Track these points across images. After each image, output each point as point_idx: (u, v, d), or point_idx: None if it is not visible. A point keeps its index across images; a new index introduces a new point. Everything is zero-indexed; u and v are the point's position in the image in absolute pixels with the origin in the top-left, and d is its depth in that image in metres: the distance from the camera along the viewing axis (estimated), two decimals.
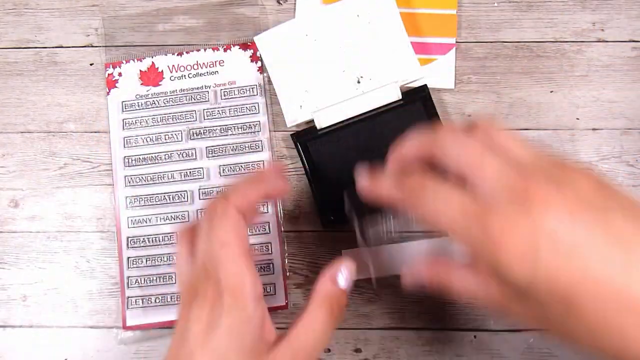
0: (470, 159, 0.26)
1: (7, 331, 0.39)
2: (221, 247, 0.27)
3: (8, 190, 0.41)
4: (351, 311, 0.39)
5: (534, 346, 0.38)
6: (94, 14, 0.42)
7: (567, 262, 0.23)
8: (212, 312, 0.26)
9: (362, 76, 0.39)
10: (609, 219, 0.24)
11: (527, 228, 0.24)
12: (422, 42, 0.41)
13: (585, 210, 0.24)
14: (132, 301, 0.38)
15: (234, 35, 0.41)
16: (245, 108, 0.40)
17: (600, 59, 0.41)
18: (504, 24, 0.41)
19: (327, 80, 0.39)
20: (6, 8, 0.43)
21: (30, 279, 0.40)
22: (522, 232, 0.24)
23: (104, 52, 0.41)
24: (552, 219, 0.24)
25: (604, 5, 0.41)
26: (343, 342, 0.38)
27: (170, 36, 0.42)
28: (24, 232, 0.40)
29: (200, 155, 0.40)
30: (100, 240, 0.40)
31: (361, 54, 0.39)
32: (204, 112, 0.40)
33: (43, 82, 0.42)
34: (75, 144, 0.41)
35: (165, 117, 0.40)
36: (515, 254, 0.24)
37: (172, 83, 0.41)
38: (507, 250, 0.24)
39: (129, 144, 0.40)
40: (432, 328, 0.38)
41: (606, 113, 0.40)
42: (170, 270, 0.39)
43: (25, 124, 0.41)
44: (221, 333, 0.26)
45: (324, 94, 0.39)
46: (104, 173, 0.41)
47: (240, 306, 0.26)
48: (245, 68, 0.41)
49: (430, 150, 0.28)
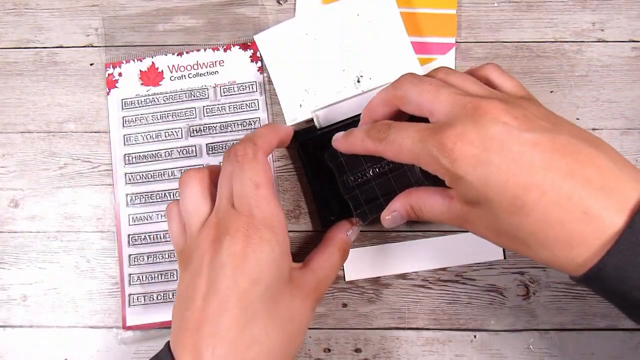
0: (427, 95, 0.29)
1: (7, 331, 0.39)
2: (256, 187, 0.30)
3: (8, 190, 0.41)
4: (351, 311, 0.39)
5: (534, 346, 0.38)
6: (94, 14, 0.42)
7: (515, 166, 0.25)
8: (248, 244, 0.29)
9: (362, 75, 0.39)
10: (555, 136, 0.26)
11: (477, 135, 0.26)
12: (422, 41, 0.41)
13: (533, 127, 0.26)
14: (134, 298, 0.39)
15: (234, 35, 0.41)
16: (245, 105, 0.40)
17: (600, 59, 0.41)
18: (504, 24, 0.41)
19: (327, 80, 0.39)
20: (6, 8, 0.43)
21: (30, 279, 0.40)
22: (472, 139, 0.26)
23: (104, 52, 0.42)
24: (501, 128, 0.26)
25: (604, 5, 0.41)
26: (343, 342, 0.38)
27: (170, 36, 0.42)
28: (24, 232, 0.40)
29: (200, 153, 0.40)
30: (100, 240, 0.40)
31: (361, 54, 0.39)
32: (203, 109, 0.40)
33: (43, 82, 0.42)
34: (75, 144, 0.41)
35: (165, 114, 0.40)
36: (468, 158, 0.26)
37: (172, 83, 0.41)
38: (461, 155, 0.26)
39: (129, 141, 0.40)
40: (432, 328, 0.38)
41: (606, 113, 0.40)
42: (172, 267, 0.39)
43: (25, 124, 0.41)
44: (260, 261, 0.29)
45: (324, 93, 0.39)
46: (104, 173, 0.41)
47: (280, 239, 0.30)
48: (245, 68, 0.41)
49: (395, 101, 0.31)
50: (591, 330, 0.38)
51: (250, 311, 0.29)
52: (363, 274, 0.39)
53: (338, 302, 0.39)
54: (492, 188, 0.26)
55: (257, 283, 0.29)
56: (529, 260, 0.38)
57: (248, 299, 0.29)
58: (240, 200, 0.30)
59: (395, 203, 0.33)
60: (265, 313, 0.29)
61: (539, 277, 0.38)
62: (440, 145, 0.27)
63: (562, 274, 0.38)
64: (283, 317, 0.30)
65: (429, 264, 0.39)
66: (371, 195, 0.35)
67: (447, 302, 0.39)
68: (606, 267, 0.24)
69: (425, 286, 0.39)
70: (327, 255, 0.34)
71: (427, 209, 0.32)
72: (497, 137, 0.26)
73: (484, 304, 0.38)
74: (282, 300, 0.30)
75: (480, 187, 0.26)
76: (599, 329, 0.38)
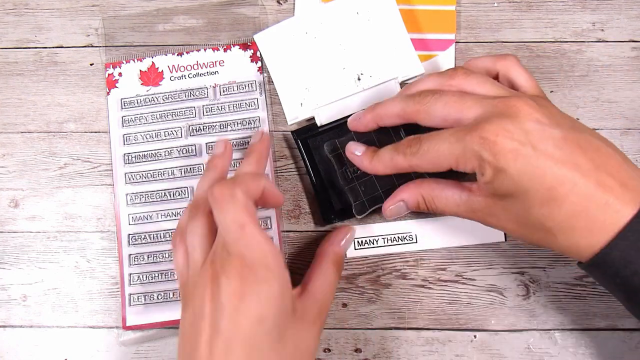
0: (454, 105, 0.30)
1: (7, 331, 0.39)
2: (241, 228, 0.29)
3: (8, 190, 0.41)
4: (351, 311, 0.39)
5: (533, 346, 0.38)
6: (94, 14, 0.42)
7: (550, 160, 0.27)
8: (244, 284, 0.28)
9: (363, 73, 0.39)
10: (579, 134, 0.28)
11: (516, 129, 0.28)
12: (422, 38, 0.41)
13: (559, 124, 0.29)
14: (134, 298, 0.39)
15: (234, 35, 0.41)
16: (245, 104, 0.40)
17: (600, 59, 0.41)
18: (503, 24, 0.41)
19: (328, 78, 0.39)
20: (6, 8, 0.43)
21: (30, 279, 0.40)
22: (512, 133, 0.28)
23: (104, 52, 0.42)
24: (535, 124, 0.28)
25: (604, 5, 0.41)
26: (343, 342, 0.38)
27: (170, 36, 0.42)
28: (24, 232, 0.40)
29: (200, 152, 0.40)
30: (100, 240, 0.40)
31: (361, 51, 0.39)
32: (203, 109, 0.40)
33: (43, 82, 0.42)
34: (75, 144, 0.41)
35: (164, 113, 0.40)
36: (509, 151, 0.28)
37: (172, 83, 0.41)
38: (503, 148, 0.28)
39: (129, 141, 0.40)
40: (432, 328, 0.38)
41: (606, 113, 0.40)
42: (172, 266, 0.39)
43: (26, 124, 0.41)
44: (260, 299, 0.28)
45: (325, 92, 0.39)
46: (104, 173, 0.41)
47: (277, 274, 0.29)
48: (245, 68, 0.41)
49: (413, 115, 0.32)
50: (591, 330, 0.38)
51: (256, 352, 0.28)
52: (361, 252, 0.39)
53: (338, 302, 0.39)
54: (530, 180, 0.27)
55: (260, 323, 0.28)
56: (529, 260, 0.38)
57: (253, 341, 0.28)
58: (229, 245, 0.29)
59: (403, 193, 0.33)
60: (272, 352, 0.29)
61: (539, 277, 0.38)
62: (481, 140, 0.28)
63: (562, 274, 0.38)
64: (291, 351, 0.30)
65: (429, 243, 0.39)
66: (370, 188, 0.36)
67: (447, 302, 0.38)
68: (612, 252, 0.27)
69: (425, 286, 0.39)
70: (323, 274, 0.34)
71: (441, 201, 0.32)
72: (533, 132, 0.28)
73: (484, 304, 0.38)
74: (288, 334, 0.30)
75: (519, 179, 0.28)
76: (599, 329, 0.38)
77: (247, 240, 0.29)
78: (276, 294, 0.29)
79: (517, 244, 0.39)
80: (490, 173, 0.28)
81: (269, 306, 0.29)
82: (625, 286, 0.28)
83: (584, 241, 0.28)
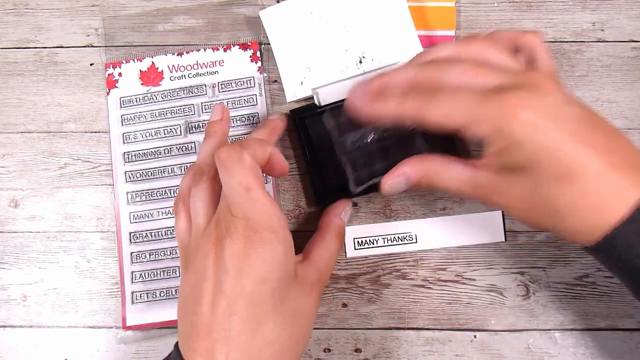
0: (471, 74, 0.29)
1: (7, 331, 0.39)
2: (247, 191, 0.29)
3: (8, 190, 0.41)
4: (351, 311, 0.39)
5: (533, 346, 0.38)
6: (94, 14, 0.42)
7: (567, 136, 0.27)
8: (249, 246, 0.28)
9: (365, 56, 0.39)
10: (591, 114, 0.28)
11: (535, 101, 0.27)
12: (422, 34, 0.40)
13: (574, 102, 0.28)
14: (137, 296, 0.39)
15: (234, 35, 0.41)
16: (244, 100, 0.40)
17: (600, 59, 0.41)
18: (504, 24, 0.41)
19: (329, 59, 0.39)
20: (6, 8, 0.43)
21: (30, 279, 0.40)
22: (532, 104, 0.27)
23: (104, 52, 0.42)
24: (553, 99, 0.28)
25: (604, 5, 0.41)
26: (343, 342, 0.38)
27: (170, 36, 0.42)
28: (24, 232, 0.40)
29: (199, 149, 0.40)
30: (100, 240, 0.40)
31: (364, 35, 0.39)
32: (202, 106, 0.40)
33: (43, 82, 0.42)
34: (75, 144, 0.41)
35: (163, 111, 0.40)
36: (527, 123, 0.27)
37: (172, 83, 0.41)
38: (522, 119, 0.27)
39: (128, 139, 0.40)
40: (432, 328, 0.38)
41: (606, 113, 0.40)
42: (174, 264, 0.39)
43: (26, 124, 0.41)
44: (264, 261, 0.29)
45: (326, 72, 0.39)
46: (104, 173, 0.41)
47: (281, 237, 0.29)
48: (245, 68, 0.41)
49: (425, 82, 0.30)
50: (591, 330, 0.38)
51: (259, 313, 0.29)
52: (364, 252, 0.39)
53: (338, 302, 0.39)
54: (546, 153, 0.27)
55: (263, 284, 0.29)
56: (529, 260, 0.38)
57: (256, 300, 0.28)
58: (234, 207, 0.29)
59: (405, 167, 0.31)
60: (274, 313, 0.29)
61: (539, 277, 0.38)
62: (501, 107, 0.27)
63: (562, 274, 0.38)
64: (292, 314, 0.30)
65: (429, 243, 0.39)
66: (369, 160, 0.35)
67: (447, 302, 0.38)
68: (622, 234, 0.26)
69: (425, 286, 0.39)
70: (325, 244, 0.35)
71: (445, 177, 0.30)
72: (551, 107, 0.27)
73: (484, 304, 0.38)
74: (289, 297, 0.30)
75: (534, 151, 0.27)
76: (599, 329, 0.38)
77: (252, 202, 0.29)
78: (280, 256, 0.29)
79: (517, 244, 0.39)
80: (503, 142, 0.27)
81: (273, 268, 0.29)
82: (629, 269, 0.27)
83: (592, 222, 0.27)
